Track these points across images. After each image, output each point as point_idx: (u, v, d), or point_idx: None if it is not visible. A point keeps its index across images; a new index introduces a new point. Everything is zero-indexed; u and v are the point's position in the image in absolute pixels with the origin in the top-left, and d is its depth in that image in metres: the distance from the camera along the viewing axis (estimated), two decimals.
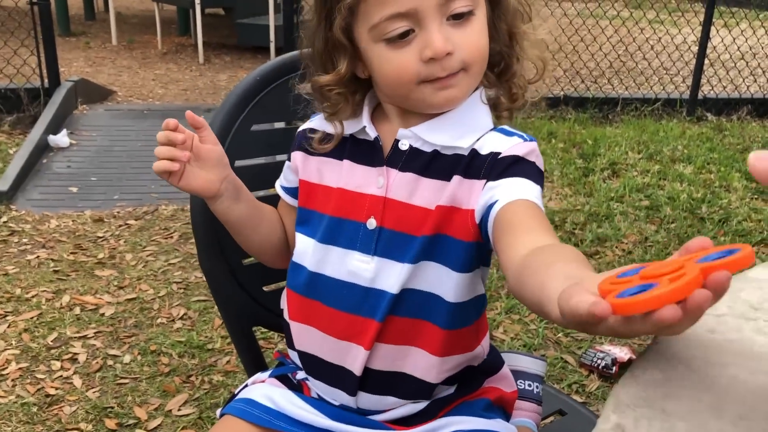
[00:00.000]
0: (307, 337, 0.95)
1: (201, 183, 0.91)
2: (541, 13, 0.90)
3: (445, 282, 0.88)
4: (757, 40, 5.76)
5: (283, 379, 1.01)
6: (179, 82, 5.68)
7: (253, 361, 1.13)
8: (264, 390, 0.97)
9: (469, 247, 0.86)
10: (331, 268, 0.92)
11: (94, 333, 2.25)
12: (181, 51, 6.81)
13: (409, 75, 0.82)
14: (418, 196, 0.87)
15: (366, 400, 0.93)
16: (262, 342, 2.17)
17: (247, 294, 1.10)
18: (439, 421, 0.92)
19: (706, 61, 4.98)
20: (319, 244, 0.92)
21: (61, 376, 2.03)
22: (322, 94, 0.90)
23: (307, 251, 0.94)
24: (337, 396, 0.94)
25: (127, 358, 2.12)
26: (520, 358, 1.07)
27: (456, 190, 0.86)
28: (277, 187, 1.03)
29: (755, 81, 5.36)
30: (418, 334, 0.90)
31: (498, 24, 0.87)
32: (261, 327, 1.19)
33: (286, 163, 1.00)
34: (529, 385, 1.05)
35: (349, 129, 0.93)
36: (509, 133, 0.88)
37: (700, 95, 4.99)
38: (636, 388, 0.46)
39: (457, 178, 0.86)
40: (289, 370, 1.02)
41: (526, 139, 0.87)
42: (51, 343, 2.18)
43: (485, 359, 0.99)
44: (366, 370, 0.90)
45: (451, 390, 0.95)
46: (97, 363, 2.09)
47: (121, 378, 2.03)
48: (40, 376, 2.02)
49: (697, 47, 4.93)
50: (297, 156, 0.97)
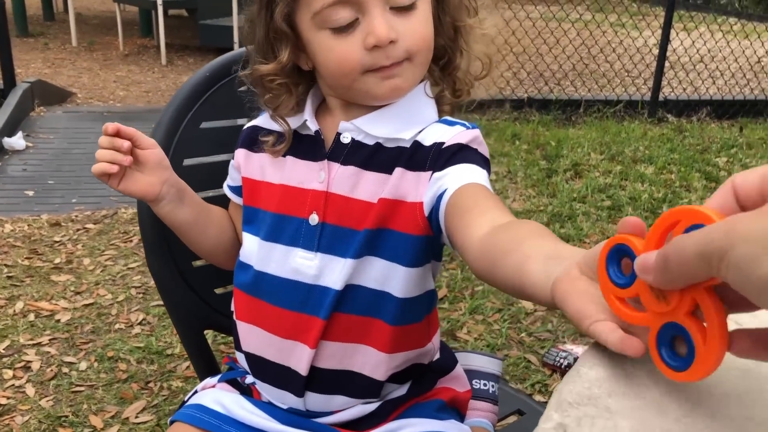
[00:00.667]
0: (254, 338, 0.93)
1: (141, 186, 0.89)
2: (487, 6, 0.89)
3: (392, 277, 0.86)
4: (715, 43, 5.87)
5: (233, 383, 0.99)
6: (141, 84, 5.59)
7: (205, 366, 1.10)
8: (214, 395, 0.95)
9: (417, 241, 0.85)
10: (274, 266, 0.90)
11: (49, 340, 2.18)
12: (144, 52, 6.71)
13: (352, 64, 0.81)
14: (361, 190, 0.86)
15: (314, 400, 0.91)
16: (223, 347, 2.13)
17: (198, 296, 1.07)
18: (391, 424, 0.91)
19: (667, 63, 5.06)
20: (263, 242, 0.91)
21: (13, 385, 1.97)
22: (263, 84, 0.88)
23: (253, 250, 0.92)
24: (285, 398, 0.92)
25: (83, 365, 2.06)
26: (474, 357, 1.06)
27: (399, 182, 0.84)
28: (225, 187, 1.01)
29: (714, 83, 5.46)
30: (366, 332, 0.88)
31: (442, 17, 0.86)
32: (214, 331, 1.16)
33: (231, 161, 0.98)
34: (485, 384, 1.04)
35: (293, 124, 0.91)
36: (451, 123, 0.87)
37: (661, 97, 5.07)
38: (580, 386, 0.45)
39: (399, 171, 0.84)
40: (238, 374, 0.99)
41: (468, 127, 0.86)
42: (3, 351, 2.11)
43: (438, 359, 0.98)
44: (313, 369, 0.88)
45: (403, 390, 0.94)
46: (51, 371, 2.03)
47: (77, 385, 1.98)
48: None
49: (657, 50, 5.01)
50: (240, 154, 0.95)
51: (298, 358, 0.89)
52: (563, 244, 0.60)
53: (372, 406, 0.91)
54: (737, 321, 0.44)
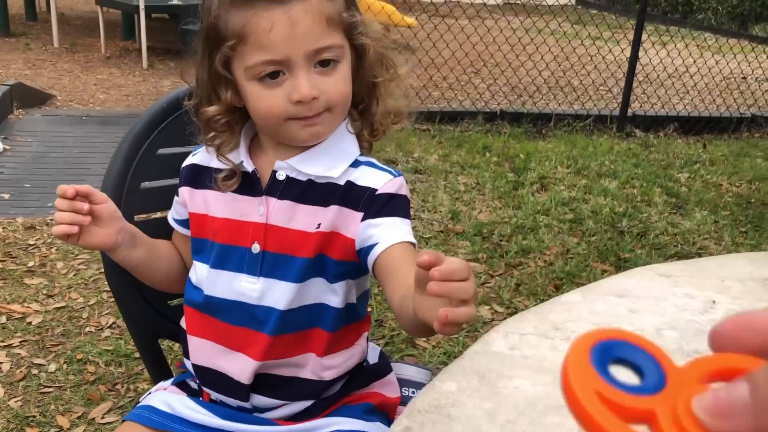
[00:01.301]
0: (203, 351, 1.04)
1: (99, 239, 0.99)
2: (402, 60, 1.01)
3: (328, 291, 0.99)
4: (689, 56, 6.03)
5: (183, 385, 1.10)
6: (122, 87, 5.64)
7: (159, 371, 1.20)
8: (163, 397, 1.06)
9: (349, 264, 0.98)
10: (221, 290, 1.01)
11: (20, 342, 2.26)
12: (125, 55, 6.75)
13: (277, 112, 0.93)
14: (297, 221, 0.98)
15: (259, 400, 1.03)
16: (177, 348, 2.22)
17: (152, 308, 1.17)
18: (321, 420, 1.03)
19: (638, 78, 5.20)
20: (211, 270, 1.02)
21: None
22: (208, 125, 0.99)
23: (203, 276, 1.03)
24: (231, 400, 1.04)
25: (52, 367, 2.14)
26: (406, 367, 1.17)
27: (335, 217, 0.97)
28: (170, 219, 1.11)
29: (681, 100, 5.62)
30: (308, 342, 1.00)
31: (361, 72, 0.99)
32: (168, 339, 1.26)
33: (175, 198, 1.09)
34: (413, 392, 1.15)
35: (233, 162, 1.02)
36: (380, 168, 1.00)
37: (630, 112, 5.20)
38: (432, 397, 0.55)
39: (335, 207, 0.97)
40: (188, 376, 1.10)
41: (395, 175, 0.99)
42: None
43: (375, 364, 1.10)
44: (257, 376, 1.00)
45: (336, 388, 1.06)
46: (21, 372, 2.11)
47: (45, 387, 2.06)
48: None
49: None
50: (184, 191, 1.06)
51: (242, 368, 1.00)
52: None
53: (308, 402, 1.04)
54: None
